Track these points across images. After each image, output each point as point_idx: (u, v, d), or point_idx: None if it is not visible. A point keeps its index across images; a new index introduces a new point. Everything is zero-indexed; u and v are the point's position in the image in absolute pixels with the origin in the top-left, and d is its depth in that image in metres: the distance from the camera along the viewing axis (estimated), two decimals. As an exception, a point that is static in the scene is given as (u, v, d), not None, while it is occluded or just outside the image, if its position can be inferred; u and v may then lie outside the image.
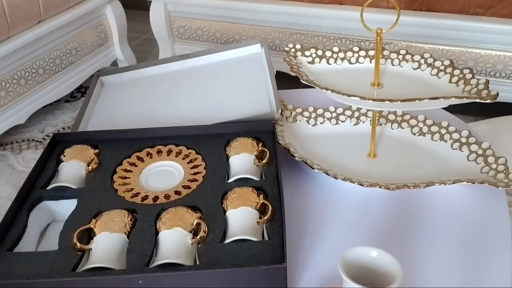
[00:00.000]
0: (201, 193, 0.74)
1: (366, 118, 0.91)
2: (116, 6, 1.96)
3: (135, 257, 0.64)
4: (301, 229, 0.72)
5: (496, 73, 1.54)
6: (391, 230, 0.72)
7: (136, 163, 0.81)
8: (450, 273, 0.64)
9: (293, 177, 0.82)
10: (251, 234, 0.65)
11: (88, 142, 0.85)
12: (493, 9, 1.51)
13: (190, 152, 0.82)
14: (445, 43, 1.56)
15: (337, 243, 0.70)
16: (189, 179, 0.77)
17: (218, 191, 0.73)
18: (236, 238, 0.65)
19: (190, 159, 0.81)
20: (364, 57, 0.86)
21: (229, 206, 0.69)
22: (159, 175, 0.79)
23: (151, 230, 0.67)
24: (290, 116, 0.92)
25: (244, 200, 0.69)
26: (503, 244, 0.68)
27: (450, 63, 0.80)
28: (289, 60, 0.84)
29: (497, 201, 0.75)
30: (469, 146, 0.82)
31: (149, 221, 0.69)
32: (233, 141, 0.82)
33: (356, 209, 0.75)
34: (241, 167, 0.77)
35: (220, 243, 0.65)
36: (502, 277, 0.64)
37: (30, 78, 1.65)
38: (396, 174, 0.80)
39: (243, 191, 0.71)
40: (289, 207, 0.76)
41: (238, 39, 1.85)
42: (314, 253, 0.68)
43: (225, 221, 0.68)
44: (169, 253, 0.63)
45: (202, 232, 0.66)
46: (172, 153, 0.83)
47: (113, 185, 0.77)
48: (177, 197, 0.73)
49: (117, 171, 0.80)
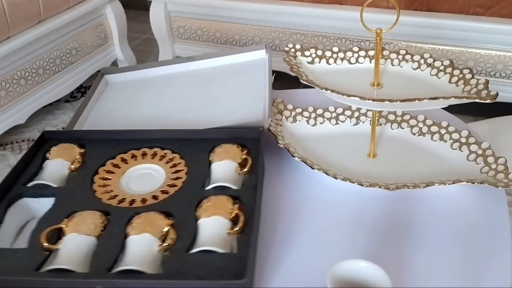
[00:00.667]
0: (177, 199, 0.73)
1: (366, 118, 0.91)
2: (116, 6, 1.96)
3: (100, 261, 0.63)
4: (301, 230, 0.72)
5: (496, 73, 1.54)
6: (391, 230, 0.71)
7: (119, 165, 0.81)
8: (450, 273, 0.64)
9: (293, 177, 0.82)
10: (218, 245, 0.64)
11: (76, 141, 0.85)
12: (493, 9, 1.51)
13: (174, 156, 0.81)
14: (445, 43, 1.56)
15: (337, 243, 0.70)
16: (169, 184, 0.76)
17: (194, 197, 0.72)
18: (203, 248, 0.63)
19: (174, 163, 0.80)
20: (364, 57, 0.86)
21: (202, 215, 0.68)
22: (140, 178, 0.79)
23: (121, 234, 0.67)
24: (290, 116, 0.92)
25: (217, 209, 0.68)
26: (503, 244, 0.68)
27: (450, 63, 0.80)
28: (289, 60, 0.84)
29: (497, 201, 0.75)
30: (469, 146, 0.82)
31: (121, 224, 0.68)
32: (218, 147, 0.81)
33: (356, 209, 0.75)
34: (222, 175, 0.76)
35: (186, 252, 0.64)
36: (502, 277, 0.64)
37: (30, 78, 1.65)
38: (396, 174, 0.80)
39: (218, 199, 0.70)
40: (289, 207, 0.76)
41: (238, 39, 1.85)
42: (313, 253, 0.68)
43: (196, 230, 0.67)
44: (133, 260, 0.62)
45: (170, 239, 0.65)
46: (156, 156, 0.82)
47: (93, 186, 0.76)
48: (154, 202, 0.72)
49: (98, 172, 0.79)
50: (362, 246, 0.69)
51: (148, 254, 0.63)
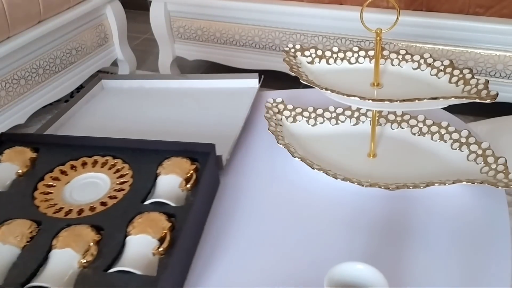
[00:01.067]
0: (112, 212, 0.71)
1: (366, 118, 0.91)
2: (116, 6, 1.96)
3: (15, 274, 0.61)
4: (301, 230, 0.72)
5: (496, 73, 1.54)
6: (391, 230, 0.71)
7: (67, 172, 0.79)
8: (450, 273, 0.64)
9: (293, 177, 0.82)
10: (138, 266, 0.61)
11: (32, 145, 0.83)
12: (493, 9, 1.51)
13: (123, 167, 0.79)
14: (445, 43, 1.56)
15: (336, 243, 0.70)
16: (110, 195, 0.74)
17: (130, 212, 0.70)
18: (120, 268, 0.61)
19: (121, 173, 0.78)
20: (364, 57, 0.86)
21: (131, 232, 0.66)
22: (85, 188, 0.77)
23: (46, 247, 0.65)
24: (290, 116, 0.92)
25: (146, 227, 0.66)
26: (503, 244, 0.68)
27: (450, 63, 0.80)
28: (289, 60, 0.84)
29: (497, 201, 0.75)
30: (469, 146, 0.82)
31: (49, 237, 0.66)
32: (168, 160, 0.78)
33: (356, 209, 0.75)
34: (164, 190, 0.74)
35: (104, 271, 0.62)
36: (502, 277, 0.64)
37: (30, 78, 1.65)
38: (395, 174, 0.80)
39: (150, 216, 0.67)
40: (289, 207, 0.76)
41: (238, 39, 1.85)
42: (313, 253, 0.68)
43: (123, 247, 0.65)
44: (49, 276, 0.60)
45: (90, 255, 0.63)
46: (106, 165, 0.80)
47: (34, 193, 0.74)
48: (89, 214, 0.71)
49: (44, 178, 0.77)
50: (362, 246, 0.69)
51: (67, 271, 0.61)
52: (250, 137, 0.93)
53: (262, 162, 0.87)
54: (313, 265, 0.66)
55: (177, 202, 0.72)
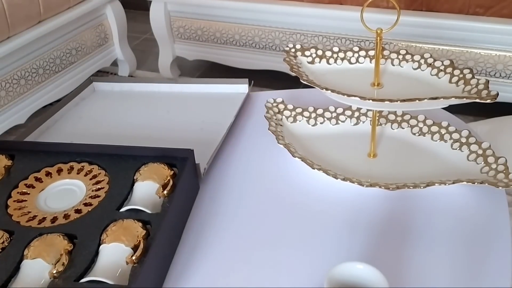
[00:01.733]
0: (87, 220, 0.69)
1: (366, 118, 0.91)
2: (116, 6, 1.97)
3: None
4: (301, 230, 0.72)
5: (496, 73, 1.54)
6: (391, 230, 0.71)
7: (42, 179, 0.78)
8: (450, 273, 0.64)
9: (293, 177, 0.82)
10: (110, 275, 0.60)
11: (6, 151, 0.82)
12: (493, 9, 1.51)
13: (99, 173, 0.78)
14: (445, 43, 1.56)
15: (337, 242, 0.70)
16: (85, 202, 0.73)
17: (105, 220, 0.68)
18: (92, 278, 0.60)
19: (97, 180, 0.77)
20: (364, 57, 0.86)
21: (105, 240, 0.65)
22: (60, 195, 0.75)
23: (17, 257, 0.63)
24: (290, 116, 0.92)
25: (119, 235, 0.64)
26: (503, 244, 0.68)
27: (450, 63, 0.80)
28: (289, 60, 0.84)
29: (497, 201, 0.75)
30: (469, 146, 0.82)
31: (21, 247, 0.65)
32: (145, 166, 0.77)
33: (356, 209, 0.75)
34: (140, 196, 0.72)
35: (75, 281, 0.60)
36: (502, 277, 0.64)
37: (30, 78, 1.65)
38: (396, 174, 0.80)
39: (125, 224, 0.66)
40: (289, 207, 0.76)
41: (238, 39, 1.85)
42: (313, 253, 0.68)
43: (96, 256, 0.64)
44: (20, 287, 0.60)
45: (61, 265, 0.62)
46: (82, 171, 0.79)
47: (8, 201, 0.73)
48: (63, 222, 0.69)
49: (19, 186, 0.76)
50: (362, 246, 0.69)
51: (38, 281, 0.60)
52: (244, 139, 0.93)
53: (262, 162, 0.87)
54: (313, 265, 0.66)
55: (153, 209, 0.70)
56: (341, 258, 0.56)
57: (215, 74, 2.11)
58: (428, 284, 0.63)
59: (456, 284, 0.63)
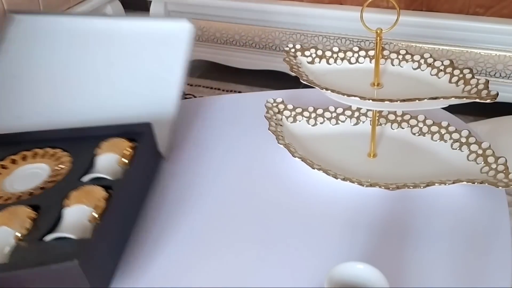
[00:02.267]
0: (50, 192, 0.73)
1: (366, 118, 0.91)
2: (116, 6, 1.96)
3: None
4: (301, 230, 0.72)
5: (496, 73, 1.54)
6: (391, 230, 0.71)
7: (7, 166, 0.80)
8: (450, 273, 0.64)
9: (293, 177, 0.82)
10: (74, 232, 0.64)
11: None
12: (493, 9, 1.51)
13: (63, 155, 0.81)
14: (445, 43, 1.56)
15: (337, 242, 0.70)
16: (50, 180, 0.76)
17: (68, 189, 0.71)
18: (56, 235, 0.64)
19: (61, 161, 0.80)
20: (364, 57, 0.86)
21: (68, 203, 0.68)
22: (25, 178, 0.78)
23: None
24: (290, 116, 0.92)
25: (81, 198, 0.68)
26: (503, 244, 0.68)
27: (450, 63, 0.80)
28: (289, 60, 0.84)
29: (497, 201, 0.75)
30: (469, 146, 0.82)
31: None
32: (105, 141, 0.80)
33: (356, 209, 0.75)
34: (102, 167, 0.76)
35: (40, 240, 0.64)
36: (502, 277, 0.64)
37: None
38: (396, 174, 0.80)
39: (86, 189, 0.70)
40: (289, 207, 0.76)
41: (238, 39, 1.85)
42: (313, 253, 0.68)
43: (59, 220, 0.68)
44: None
45: (25, 229, 0.65)
46: (46, 155, 0.81)
47: None
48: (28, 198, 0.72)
49: None
50: (362, 246, 0.69)
51: (3, 247, 0.63)
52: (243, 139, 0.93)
53: (262, 162, 0.87)
54: (313, 265, 0.66)
55: (114, 177, 0.73)
56: (341, 258, 0.56)
57: (215, 74, 2.11)
58: (428, 284, 0.63)
59: (456, 284, 0.63)
